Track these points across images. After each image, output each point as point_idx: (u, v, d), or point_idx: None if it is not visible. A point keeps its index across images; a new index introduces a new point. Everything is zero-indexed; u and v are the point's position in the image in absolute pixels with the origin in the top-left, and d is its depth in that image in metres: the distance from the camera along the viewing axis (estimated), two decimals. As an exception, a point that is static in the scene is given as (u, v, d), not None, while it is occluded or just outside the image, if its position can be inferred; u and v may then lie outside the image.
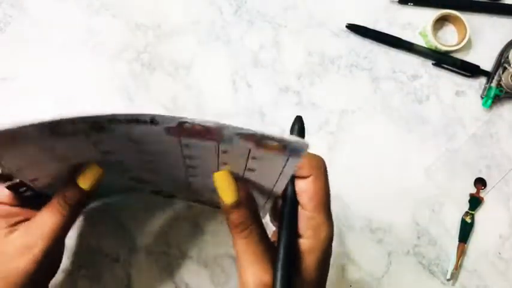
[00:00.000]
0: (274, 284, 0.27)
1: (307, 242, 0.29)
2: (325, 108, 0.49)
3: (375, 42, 0.50)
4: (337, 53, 0.50)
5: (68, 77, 0.47)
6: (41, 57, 0.47)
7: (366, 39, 0.50)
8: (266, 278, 0.27)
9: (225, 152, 0.26)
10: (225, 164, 0.28)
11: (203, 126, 0.23)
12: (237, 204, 0.29)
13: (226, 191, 0.28)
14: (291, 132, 0.30)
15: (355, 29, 0.50)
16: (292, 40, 0.50)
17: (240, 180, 0.29)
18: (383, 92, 0.50)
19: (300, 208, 0.29)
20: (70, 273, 0.43)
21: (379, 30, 0.50)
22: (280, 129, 0.48)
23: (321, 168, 0.29)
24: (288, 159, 0.25)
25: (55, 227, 0.30)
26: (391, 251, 0.47)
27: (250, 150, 0.25)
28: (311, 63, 0.49)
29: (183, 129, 0.23)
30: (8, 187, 0.30)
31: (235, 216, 0.29)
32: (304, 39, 0.50)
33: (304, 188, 0.29)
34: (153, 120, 0.22)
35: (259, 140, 0.24)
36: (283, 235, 0.28)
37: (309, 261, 0.28)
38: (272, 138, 0.23)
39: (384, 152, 0.49)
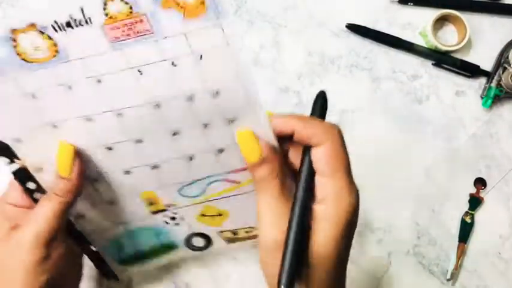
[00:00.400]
0: (283, 257, 0.25)
1: (327, 208, 0.26)
2: (325, 108, 0.49)
3: (374, 42, 0.50)
4: (337, 53, 0.50)
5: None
6: (41, 57, 0.47)
7: (366, 39, 0.50)
8: (283, 238, 0.26)
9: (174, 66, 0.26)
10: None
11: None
12: (260, 162, 0.28)
13: (249, 150, 0.28)
14: (313, 108, 0.29)
15: (355, 29, 0.50)
16: (292, 40, 0.50)
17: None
18: (383, 92, 0.50)
19: (317, 176, 0.27)
20: (70, 273, 0.43)
21: (379, 30, 0.50)
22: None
23: (335, 133, 0.27)
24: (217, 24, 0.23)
25: (45, 218, 0.30)
26: (391, 251, 0.47)
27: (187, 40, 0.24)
28: (311, 63, 0.49)
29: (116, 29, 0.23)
30: (14, 173, 0.30)
31: (259, 172, 0.28)
32: (304, 39, 0.50)
33: (320, 155, 0.27)
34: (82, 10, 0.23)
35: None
36: (296, 201, 0.26)
37: (327, 230, 0.26)
38: None
39: (384, 152, 0.49)
